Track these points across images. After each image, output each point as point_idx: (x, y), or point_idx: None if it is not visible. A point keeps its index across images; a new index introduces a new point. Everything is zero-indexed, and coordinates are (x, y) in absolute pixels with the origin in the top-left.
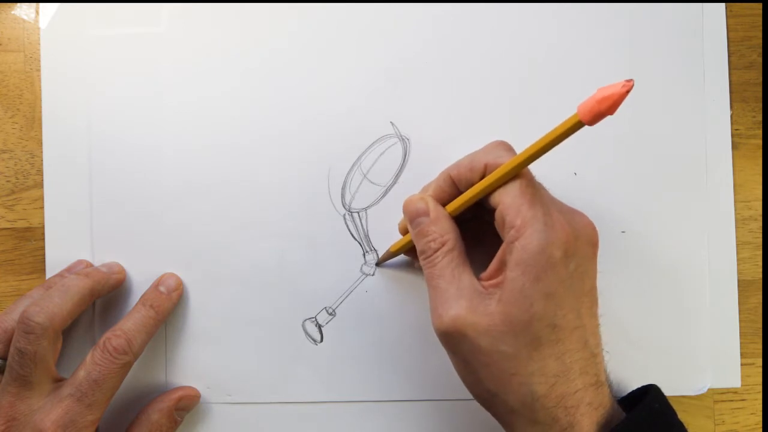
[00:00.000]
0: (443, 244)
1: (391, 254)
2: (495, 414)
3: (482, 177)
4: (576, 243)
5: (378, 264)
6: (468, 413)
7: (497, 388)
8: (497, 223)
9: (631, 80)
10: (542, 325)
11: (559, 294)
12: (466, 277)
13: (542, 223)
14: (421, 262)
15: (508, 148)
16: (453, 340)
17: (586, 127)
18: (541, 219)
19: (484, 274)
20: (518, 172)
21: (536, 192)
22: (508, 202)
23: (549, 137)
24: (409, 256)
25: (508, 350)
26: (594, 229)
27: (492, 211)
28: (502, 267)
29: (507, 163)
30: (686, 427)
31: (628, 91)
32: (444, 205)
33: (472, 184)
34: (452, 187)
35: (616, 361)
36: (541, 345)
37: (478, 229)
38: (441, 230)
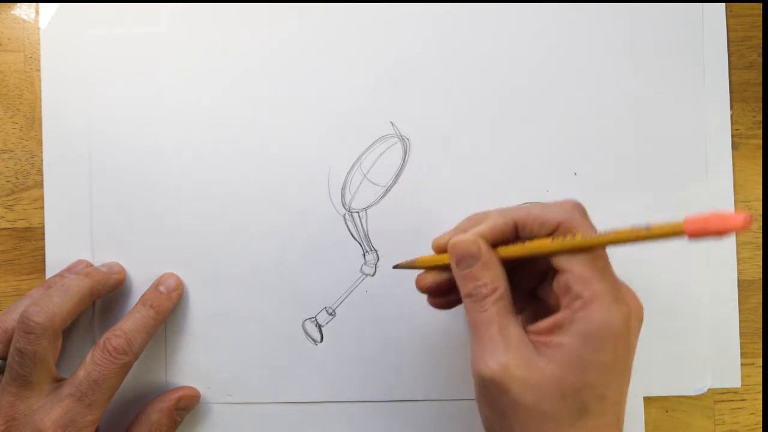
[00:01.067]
0: (494, 291)
1: (413, 266)
2: None
3: (550, 234)
4: (636, 319)
5: (396, 266)
6: (468, 413)
7: None
8: (557, 285)
9: (751, 219)
10: (593, 395)
11: (614, 367)
12: (515, 329)
13: (611, 298)
14: (467, 305)
15: (583, 212)
16: (496, 390)
17: (587, 126)
18: (612, 294)
19: (533, 327)
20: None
21: (607, 265)
22: (578, 271)
23: (642, 233)
24: (426, 291)
25: (551, 412)
26: (642, 306)
27: (549, 267)
28: (557, 329)
29: (587, 239)
30: (687, 426)
31: (745, 227)
32: (495, 244)
33: (536, 237)
34: (512, 232)
35: None
36: (586, 414)
37: (519, 270)
38: (492, 276)
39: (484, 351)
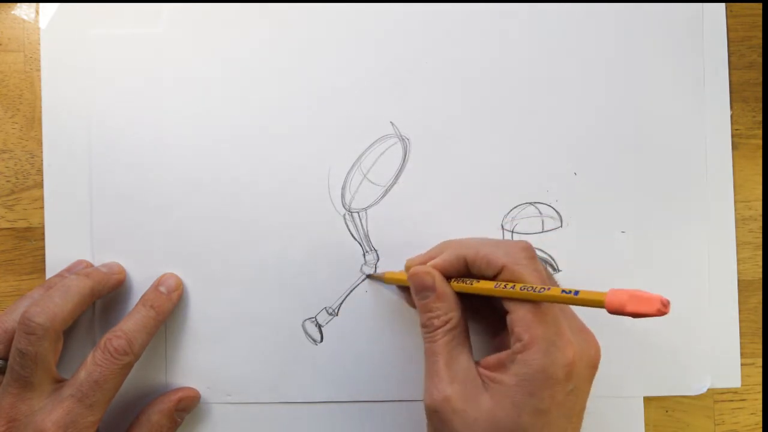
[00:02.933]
0: (446, 323)
1: (384, 280)
2: None
3: (496, 274)
4: (579, 365)
5: (370, 277)
6: None
7: None
8: (508, 326)
9: (668, 307)
10: None
11: (551, 412)
12: (464, 360)
13: (550, 343)
14: (422, 335)
15: (530, 256)
16: (438, 421)
17: (587, 127)
18: (550, 339)
19: (483, 361)
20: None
21: (550, 308)
22: (521, 314)
23: (571, 299)
24: (402, 291)
25: None
26: (598, 350)
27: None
28: (501, 366)
29: (525, 293)
30: (687, 426)
31: (659, 314)
32: (450, 277)
33: (484, 277)
34: (463, 266)
35: (616, 361)
36: None
37: (483, 302)
38: (445, 308)
39: (430, 381)
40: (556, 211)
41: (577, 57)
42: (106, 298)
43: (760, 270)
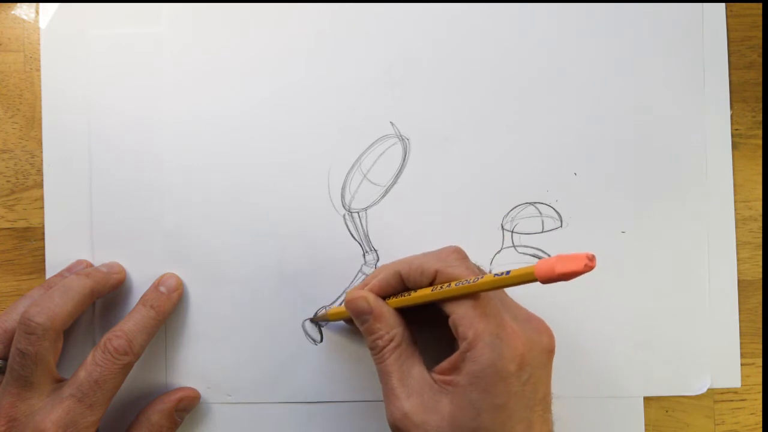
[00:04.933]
0: (390, 341)
1: (327, 319)
2: None
3: (431, 282)
4: (530, 353)
5: (312, 321)
6: None
7: None
8: (452, 328)
9: (594, 261)
10: None
11: (509, 406)
12: (417, 372)
13: (494, 336)
14: (372, 357)
15: (461, 257)
16: None
17: (587, 127)
18: (494, 332)
19: (437, 368)
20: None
21: (489, 303)
22: (461, 313)
23: (502, 281)
24: (348, 324)
25: None
26: (551, 336)
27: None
28: (453, 369)
29: (458, 287)
30: (687, 426)
31: (588, 271)
32: (388, 297)
33: (420, 286)
34: (400, 283)
35: (616, 361)
36: None
37: (430, 310)
38: (386, 327)
39: (388, 400)
40: (556, 211)
41: (577, 57)
42: (106, 298)
43: (760, 270)
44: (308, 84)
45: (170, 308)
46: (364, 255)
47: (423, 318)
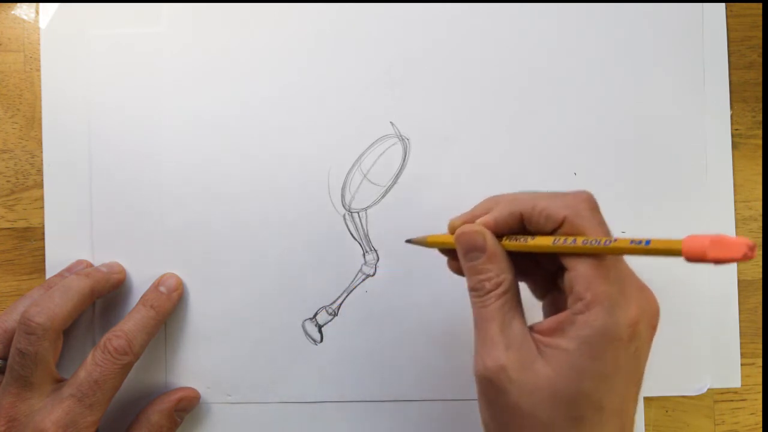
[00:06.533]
0: (498, 285)
1: (424, 244)
2: None
3: (556, 228)
4: (642, 325)
5: (408, 241)
6: (468, 413)
7: None
8: (564, 283)
9: (754, 251)
10: (588, 404)
11: (613, 376)
12: (518, 325)
13: (614, 302)
14: (471, 299)
15: (593, 207)
16: (492, 389)
17: (587, 127)
18: (614, 298)
19: (538, 326)
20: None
21: (614, 265)
22: (582, 271)
23: (642, 249)
24: (445, 255)
25: (545, 419)
26: (658, 309)
27: (557, 263)
28: (559, 330)
29: (589, 246)
30: (687, 426)
31: (745, 261)
32: (501, 236)
33: (541, 231)
34: (518, 223)
35: None
36: (581, 424)
37: (530, 261)
38: (497, 270)
39: (483, 349)
40: None
41: (577, 57)
42: (106, 298)
43: (760, 270)
44: (308, 84)
45: (170, 308)
46: (364, 255)
47: (522, 265)
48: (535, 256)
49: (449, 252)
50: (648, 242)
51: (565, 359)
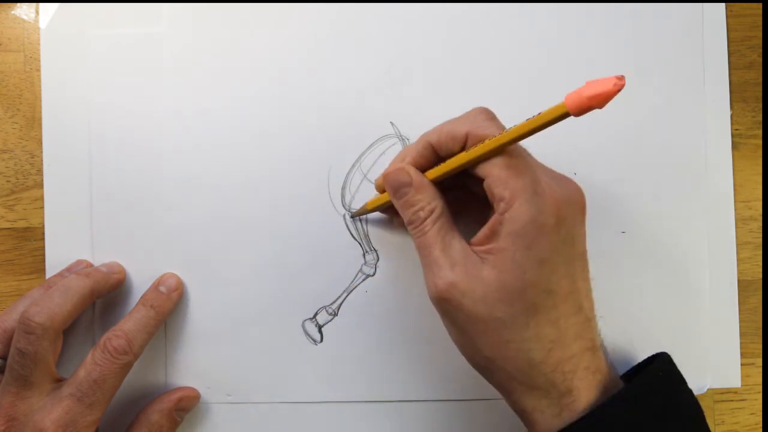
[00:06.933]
0: (431, 212)
1: (366, 210)
2: (493, 381)
3: (463, 146)
4: (566, 209)
5: (353, 216)
6: (468, 413)
7: (494, 354)
8: (487, 193)
9: (623, 79)
10: (537, 292)
11: (552, 260)
12: (457, 243)
13: (531, 192)
14: (411, 232)
15: (490, 117)
16: (449, 307)
17: (587, 126)
18: (530, 188)
19: (474, 239)
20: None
21: (522, 161)
22: (495, 174)
23: (534, 123)
24: (385, 213)
25: (503, 317)
26: (582, 194)
27: (477, 178)
28: (493, 235)
29: (490, 141)
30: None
31: (618, 90)
32: (424, 171)
33: (453, 153)
34: (433, 154)
35: (616, 360)
36: (536, 311)
37: (459, 196)
38: (427, 198)
39: (431, 273)
40: None
41: (577, 57)
42: (106, 298)
43: (760, 270)
44: (308, 84)
45: (170, 308)
46: (364, 255)
47: (461, 200)
48: (467, 184)
49: (389, 210)
50: (537, 113)
51: (505, 257)
